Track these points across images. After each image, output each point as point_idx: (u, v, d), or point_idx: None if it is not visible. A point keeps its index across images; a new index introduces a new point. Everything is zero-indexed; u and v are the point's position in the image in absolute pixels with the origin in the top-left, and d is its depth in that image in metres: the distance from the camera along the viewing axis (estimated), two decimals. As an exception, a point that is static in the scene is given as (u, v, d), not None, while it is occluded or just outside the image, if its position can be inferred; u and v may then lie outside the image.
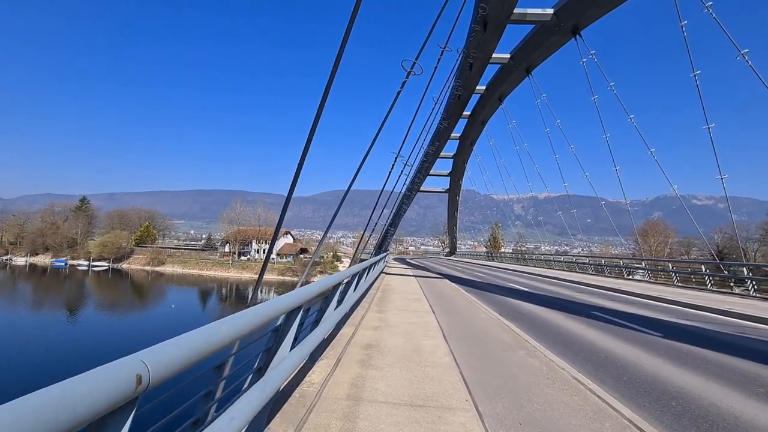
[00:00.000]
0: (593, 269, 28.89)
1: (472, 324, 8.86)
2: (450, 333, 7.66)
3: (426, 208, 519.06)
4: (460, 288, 16.99)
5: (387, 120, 10.85)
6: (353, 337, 6.78)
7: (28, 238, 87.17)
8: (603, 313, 11.64)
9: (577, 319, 10.62)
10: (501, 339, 7.49)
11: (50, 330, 38.33)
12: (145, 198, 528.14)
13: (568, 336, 8.55)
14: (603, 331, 8.99)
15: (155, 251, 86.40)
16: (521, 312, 11.63)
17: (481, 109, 31.58)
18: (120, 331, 39.10)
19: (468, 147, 39.94)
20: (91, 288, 67.43)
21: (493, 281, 22.27)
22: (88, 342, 34.09)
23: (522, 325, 9.34)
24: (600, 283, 19.69)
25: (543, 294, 16.23)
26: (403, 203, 37.38)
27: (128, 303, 57.07)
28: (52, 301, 55.33)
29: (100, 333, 38.12)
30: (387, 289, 14.45)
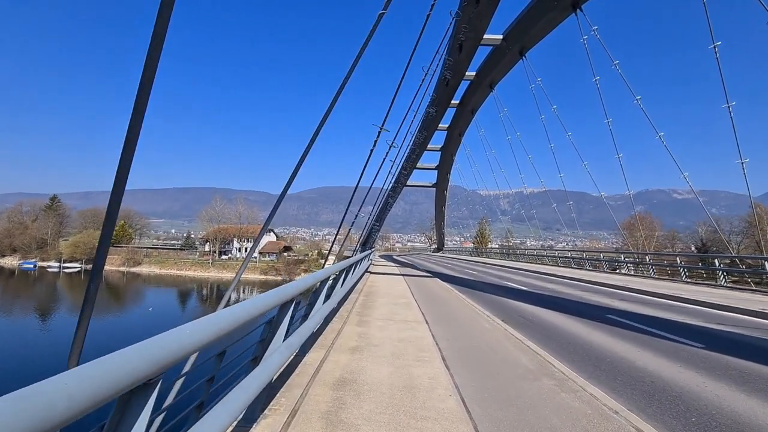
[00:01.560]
0: (589, 264, 27.62)
1: (475, 338, 7.17)
2: (450, 354, 5.94)
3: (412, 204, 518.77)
4: (453, 288, 15.35)
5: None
6: (322, 366, 4.99)
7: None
8: (619, 316, 10.11)
9: (593, 325, 9.04)
10: (516, 360, 5.80)
11: (19, 335, 36.06)
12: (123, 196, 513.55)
13: (593, 350, 6.92)
14: (632, 343, 7.41)
15: (131, 251, 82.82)
16: (527, 317, 10.01)
17: (470, 97, 29.98)
18: (93, 335, 36.81)
19: (456, 138, 38.35)
20: (63, 290, 64.01)
21: (486, 279, 20.73)
22: (60, 348, 32.04)
23: (534, 336, 7.70)
24: (600, 280, 18.30)
25: (544, 294, 14.70)
26: (389, 198, 35.69)
27: (102, 306, 54.12)
28: (20, 305, 52.08)
29: (70, 338, 35.75)
30: (371, 292, 12.69)
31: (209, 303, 60.50)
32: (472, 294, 14.17)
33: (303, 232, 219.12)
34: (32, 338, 36.02)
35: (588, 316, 10.16)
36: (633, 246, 67.80)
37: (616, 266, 26.98)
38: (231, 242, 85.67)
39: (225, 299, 6.02)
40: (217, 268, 77.85)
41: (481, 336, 7.29)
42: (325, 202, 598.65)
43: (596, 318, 9.94)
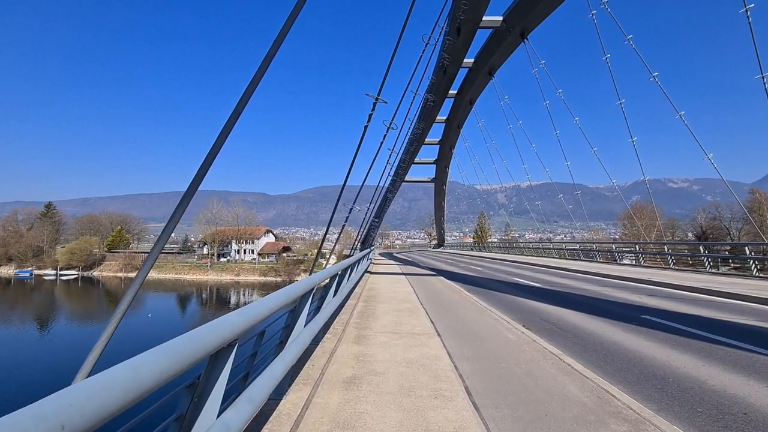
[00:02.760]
0: (599, 256, 26.28)
1: (501, 355, 5.74)
2: (476, 384, 4.51)
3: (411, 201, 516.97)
4: (461, 288, 13.93)
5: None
6: (304, 415, 3.55)
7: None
8: (657, 316, 8.71)
9: (631, 329, 7.64)
10: (564, 391, 4.37)
11: (16, 344, 35.01)
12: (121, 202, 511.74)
13: (648, 366, 5.50)
14: (690, 352, 6.01)
15: (128, 257, 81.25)
16: (552, 322, 8.59)
17: (469, 85, 28.48)
18: (88, 343, 35.52)
19: (455, 130, 36.86)
20: (59, 298, 62.51)
21: (494, 276, 19.33)
22: (59, 355, 30.84)
23: (571, 350, 6.31)
24: (617, 273, 16.90)
25: (561, 291, 13.29)
26: (388, 193, 34.27)
27: (100, 313, 52.71)
28: (17, 314, 50.64)
29: (70, 346, 34.70)
30: (371, 296, 11.26)
31: (209, 307, 59.10)
32: (483, 294, 12.75)
33: (302, 232, 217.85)
34: (34, 346, 35.12)
35: (620, 318, 8.76)
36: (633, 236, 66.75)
37: (618, 257, 26.20)
38: (229, 244, 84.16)
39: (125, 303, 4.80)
40: (215, 271, 76.38)
41: (508, 352, 5.86)
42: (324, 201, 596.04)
43: (631, 319, 8.54)
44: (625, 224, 75.68)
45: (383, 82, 8.71)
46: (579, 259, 28.16)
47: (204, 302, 63.18)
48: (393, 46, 8.96)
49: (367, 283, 14.51)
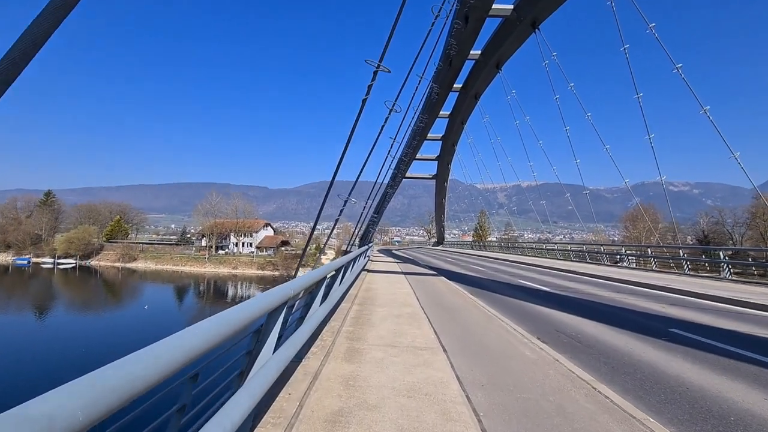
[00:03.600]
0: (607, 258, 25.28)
1: (522, 382, 4.71)
2: (497, 427, 3.49)
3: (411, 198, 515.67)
4: (464, 290, 12.92)
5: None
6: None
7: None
8: (692, 331, 7.67)
9: (662, 346, 6.62)
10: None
11: (11, 333, 34.35)
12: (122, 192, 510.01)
13: (698, 398, 4.48)
14: (740, 379, 5.00)
15: (126, 247, 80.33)
16: (571, 335, 7.58)
17: (474, 79, 27.36)
18: (86, 334, 34.93)
19: (458, 126, 35.71)
20: (56, 287, 61.55)
21: (497, 277, 18.31)
22: (54, 347, 30.04)
23: (601, 372, 5.29)
24: (631, 278, 15.88)
25: (573, 297, 12.27)
26: (389, 189, 33.21)
27: (97, 303, 51.82)
28: (14, 302, 49.77)
29: (65, 337, 33.93)
30: (368, 298, 10.24)
31: (206, 299, 58.19)
32: (488, 298, 11.74)
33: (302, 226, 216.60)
34: (32, 335, 34.45)
35: (646, 331, 7.74)
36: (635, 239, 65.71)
37: (618, 259, 25.60)
38: (228, 237, 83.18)
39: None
40: (213, 264, 75.44)
41: (530, 377, 4.83)
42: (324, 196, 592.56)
43: (659, 333, 7.53)
44: (627, 226, 74.78)
45: (386, 48, 7.60)
46: (585, 261, 27.15)
47: (201, 294, 62.32)
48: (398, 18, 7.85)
49: (364, 283, 13.49)
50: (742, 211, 64.77)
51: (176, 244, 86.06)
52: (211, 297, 60.54)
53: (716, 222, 66.50)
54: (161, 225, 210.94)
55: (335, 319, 7.29)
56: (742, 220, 64.21)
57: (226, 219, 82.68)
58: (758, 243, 56.23)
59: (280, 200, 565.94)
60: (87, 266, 76.99)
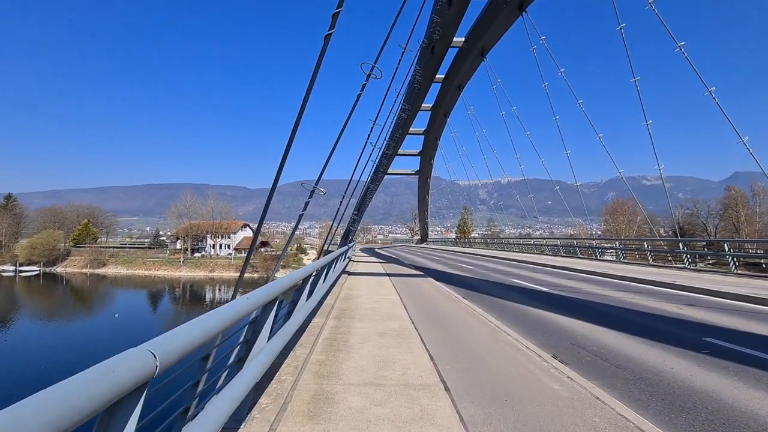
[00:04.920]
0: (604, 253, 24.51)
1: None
2: None
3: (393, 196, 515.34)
4: (456, 293, 11.55)
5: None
6: None
7: (-61, 244, 74.50)
8: (733, 341, 6.44)
9: (715, 366, 5.34)
10: None
11: None
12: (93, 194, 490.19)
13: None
14: None
15: (95, 251, 76.31)
16: (594, 350, 6.24)
17: (458, 68, 26.06)
18: (52, 345, 32.52)
19: (441, 119, 34.42)
20: (19, 296, 57.71)
21: (488, 276, 17.05)
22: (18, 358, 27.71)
23: (659, 416, 3.94)
24: (629, 274, 14.84)
25: (577, 298, 11.05)
26: (370, 188, 31.75)
27: (63, 311, 48.60)
28: None
29: (29, 348, 31.55)
30: (347, 309, 8.72)
31: (182, 304, 55.54)
32: (486, 303, 10.37)
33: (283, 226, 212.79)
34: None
35: (680, 342, 6.49)
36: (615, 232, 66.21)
37: (600, 252, 25.62)
38: (204, 239, 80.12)
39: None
40: (188, 267, 72.38)
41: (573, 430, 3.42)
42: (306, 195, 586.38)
43: (697, 346, 6.27)
44: (607, 219, 75.41)
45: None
46: (573, 256, 26.36)
47: (176, 299, 59.60)
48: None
49: (343, 289, 11.96)
50: (715, 202, 66.16)
51: (149, 248, 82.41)
52: (188, 301, 57.96)
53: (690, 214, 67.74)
54: (135, 228, 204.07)
55: (302, 343, 5.74)
56: (715, 211, 65.50)
57: (203, 220, 79.58)
58: (732, 234, 57.38)
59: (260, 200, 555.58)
60: (52, 273, 72.79)
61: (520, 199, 32.04)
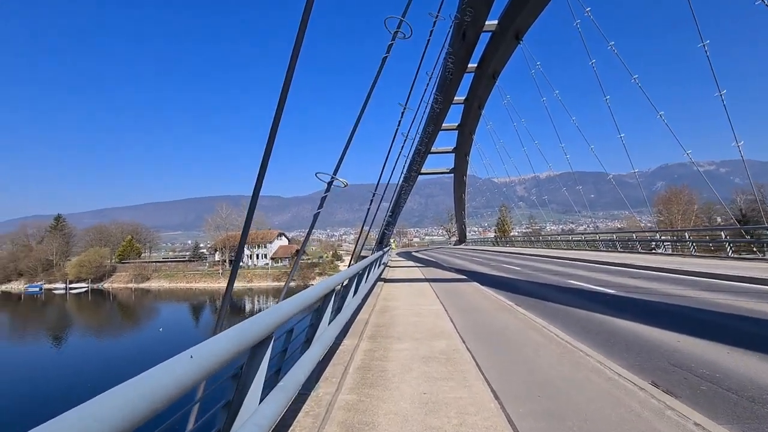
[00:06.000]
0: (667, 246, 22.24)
1: None
2: None
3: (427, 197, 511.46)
4: (507, 301, 10.19)
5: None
6: None
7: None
8: None
9: None
10: None
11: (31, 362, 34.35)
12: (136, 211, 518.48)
13: None
14: None
15: (139, 267, 79.65)
16: (707, 377, 4.80)
17: (491, 55, 24.51)
18: (103, 359, 34.03)
19: (475, 112, 32.76)
20: (69, 313, 60.82)
21: (538, 278, 15.47)
22: (69, 372, 30.20)
23: None
24: (702, 269, 12.90)
25: (653, 301, 9.42)
26: (404, 188, 30.63)
27: (111, 326, 50.84)
28: (28, 331, 49.17)
29: (80, 362, 33.53)
30: (383, 326, 7.62)
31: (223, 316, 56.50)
32: (545, 312, 8.97)
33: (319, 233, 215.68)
34: (48, 363, 34.10)
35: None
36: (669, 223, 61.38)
37: (653, 246, 24.18)
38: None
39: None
40: (227, 278, 73.94)
41: None
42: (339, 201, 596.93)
43: None
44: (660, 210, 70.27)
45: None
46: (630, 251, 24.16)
47: (216, 311, 60.77)
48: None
49: (379, 299, 10.88)
50: (784, 185, 60.19)
51: (189, 261, 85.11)
52: (228, 312, 58.94)
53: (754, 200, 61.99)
54: (177, 241, 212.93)
55: (328, 377, 4.68)
56: (784, 195, 59.60)
57: (238, 231, 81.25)
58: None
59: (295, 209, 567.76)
60: (99, 289, 76.51)
61: (566, 192, 30.00)
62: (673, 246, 23.51)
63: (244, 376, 2.41)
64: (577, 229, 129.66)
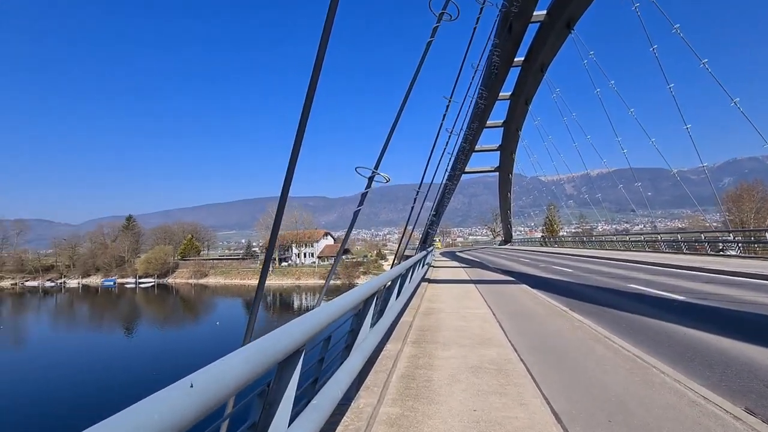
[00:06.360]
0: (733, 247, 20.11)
1: None
2: None
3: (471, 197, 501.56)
4: (561, 305, 9.37)
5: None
6: None
7: (79, 261, 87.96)
8: None
9: None
10: None
11: (102, 350, 37.56)
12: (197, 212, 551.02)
13: None
14: None
15: (198, 264, 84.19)
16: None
17: (539, 46, 23.21)
18: (168, 348, 36.50)
19: (522, 108, 31.29)
20: (139, 305, 65.44)
21: (595, 281, 14.29)
22: (139, 360, 32.54)
23: None
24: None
25: (739, 311, 8.24)
26: (448, 186, 29.85)
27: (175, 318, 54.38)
28: (105, 321, 53.80)
29: (149, 351, 36.09)
30: (428, 329, 7.17)
31: (273, 311, 58.43)
32: (606, 319, 8.10)
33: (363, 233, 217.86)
34: (122, 351, 37.23)
35: None
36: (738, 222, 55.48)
37: (721, 248, 21.89)
38: (290, 248, 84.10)
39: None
40: (277, 276, 76.37)
41: None
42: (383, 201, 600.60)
43: None
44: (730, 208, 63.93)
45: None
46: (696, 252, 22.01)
47: (268, 307, 62.85)
48: None
49: (423, 300, 10.43)
50: None
51: (243, 258, 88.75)
52: (278, 309, 60.93)
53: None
54: (232, 240, 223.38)
55: (369, 385, 4.31)
56: None
57: (287, 231, 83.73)
58: None
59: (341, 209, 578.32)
60: (164, 284, 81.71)
61: (623, 190, 27.92)
62: (746, 247, 21.20)
63: (272, 393, 2.08)
64: (632, 229, 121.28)
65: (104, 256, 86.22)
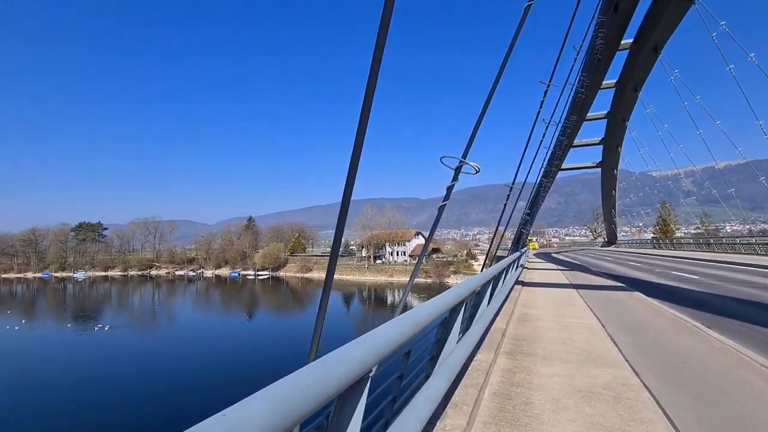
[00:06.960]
0: None
1: None
2: None
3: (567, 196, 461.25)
4: (690, 318, 7.58)
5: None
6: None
7: (213, 255, 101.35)
8: None
9: None
10: None
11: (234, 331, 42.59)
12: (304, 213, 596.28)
13: None
14: None
15: (304, 259, 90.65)
16: None
17: (653, 24, 19.86)
18: (282, 338, 39.84)
19: (630, 95, 27.17)
20: (258, 294, 72.82)
21: (731, 292, 11.57)
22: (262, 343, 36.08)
23: None
24: None
25: None
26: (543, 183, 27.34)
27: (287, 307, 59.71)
28: (231, 306, 61.38)
29: (263, 337, 39.70)
30: (524, 338, 6.24)
31: (368, 306, 60.27)
32: (762, 341, 6.31)
33: (453, 233, 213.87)
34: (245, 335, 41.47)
35: None
36: None
37: None
38: (383, 247, 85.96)
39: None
40: (372, 272, 78.61)
41: None
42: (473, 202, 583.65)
43: None
44: None
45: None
46: None
47: (364, 301, 64.96)
48: None
49: (517, 305, 9.36)
50: None
51: (341, 256, 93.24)
52: (372, 304, 62.57)
53: None
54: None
55: (457, 402, 3.70)
56: None
57: (381, 231, 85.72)
58: None
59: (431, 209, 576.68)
60: (277, 277, 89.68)
61: (745, 188, 22.58)
62: None
63: (331, 427, 1.64)
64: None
65: (231, 251, 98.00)
